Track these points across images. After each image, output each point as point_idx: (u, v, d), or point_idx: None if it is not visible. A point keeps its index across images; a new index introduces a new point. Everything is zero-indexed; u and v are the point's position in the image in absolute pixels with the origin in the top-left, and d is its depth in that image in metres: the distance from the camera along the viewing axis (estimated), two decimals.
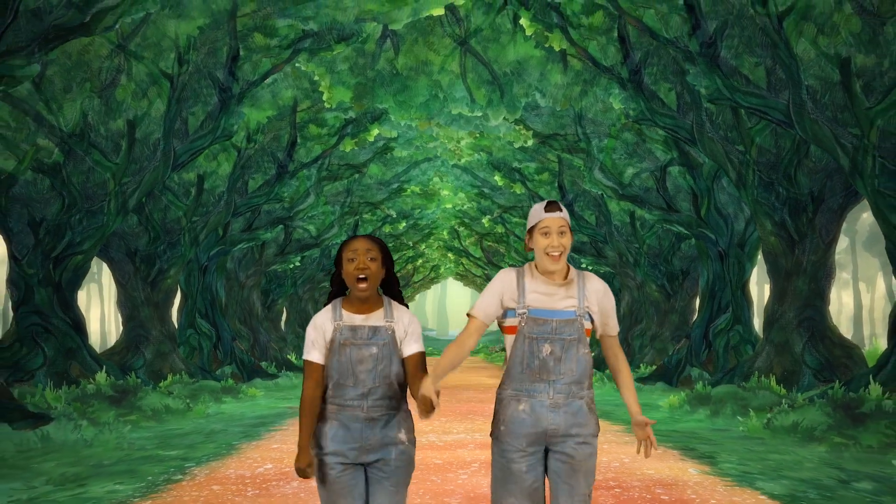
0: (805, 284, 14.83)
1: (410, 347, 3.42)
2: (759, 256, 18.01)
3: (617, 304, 28.26)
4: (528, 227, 3.46)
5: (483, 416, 12.90)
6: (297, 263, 27.59)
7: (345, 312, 3.39)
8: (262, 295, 28.44)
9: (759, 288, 64.46)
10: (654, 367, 21.28)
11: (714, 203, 18.51)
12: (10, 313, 14.77)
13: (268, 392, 19.77)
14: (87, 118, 13.76)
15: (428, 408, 3.08)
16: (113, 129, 14.19)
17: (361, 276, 3.30)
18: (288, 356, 28.76)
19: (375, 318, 3.39)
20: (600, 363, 21.83)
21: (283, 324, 33.37)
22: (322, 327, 3.40)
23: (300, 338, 34.04)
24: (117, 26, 9.77)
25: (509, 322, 3.39)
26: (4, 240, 13.99)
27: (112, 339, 69.75)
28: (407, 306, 3.52)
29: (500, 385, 3.43)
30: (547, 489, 3.38)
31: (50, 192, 14.21)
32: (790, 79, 10.72)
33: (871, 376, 10.86)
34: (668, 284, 23.48)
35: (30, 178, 14.10)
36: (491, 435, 3.41)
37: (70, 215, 13.97)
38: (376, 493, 3.37)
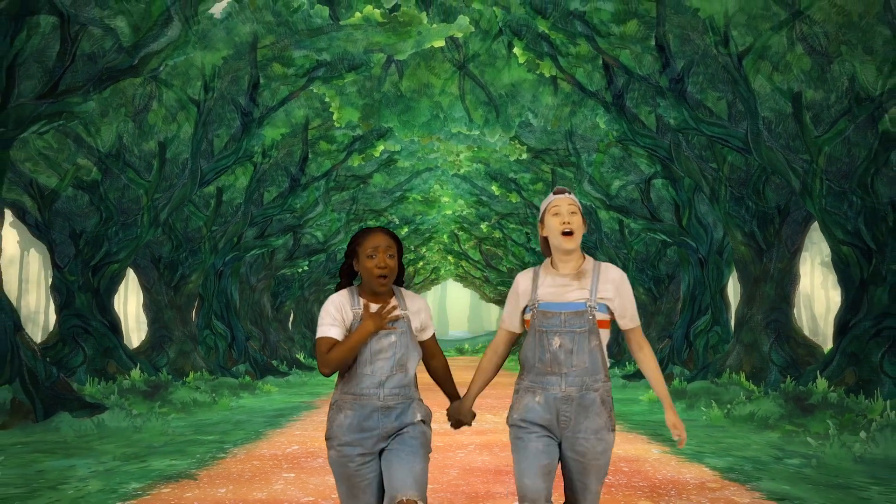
0: (772, 290, 16.31)
1: (428, 332, 3.54)
2: None
3: None
4: (540, 215, 3.50)
5: (481, 409, 14.36)
6: (305, 268, 29.10)
7: (361, 300, 3.39)
8: (271, 297, 29.94)
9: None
10: (635, 369, 22.83)
11: (694, 213, 19.97)
12: (54, 316, 16.25)
13: (281, 388, 21.23)
14: (122, 140, 15.26)
15: (460, 427, 3.53)
16: (145, 150, 15.68)
17: (382, 275, 3.32)
18: (296, 355, 30.26)
19: None
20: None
21: (290, 324, 34.86)
22: (342, 308, 3.37)
23: (307, 338, 35.50)
24: (162, 68, 11.24)
25: (526, 317, 3.43)
26: (48, 250, 15.52)
27: (123, 337, 71.13)
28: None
29: (517, 377, 3.50)
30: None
31: (89, 207, 15.70)
32: (748, 111, 12.21)
33: (818, 372, 12.35)
34: (654, 288, 24.98)
35: (71, 194, 15.60)
36: (507, 422, 3.47)
37: (107, 228, 15.47)
38: (392, 464, 3.29)
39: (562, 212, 3.36)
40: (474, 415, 3.62)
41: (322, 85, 16.25)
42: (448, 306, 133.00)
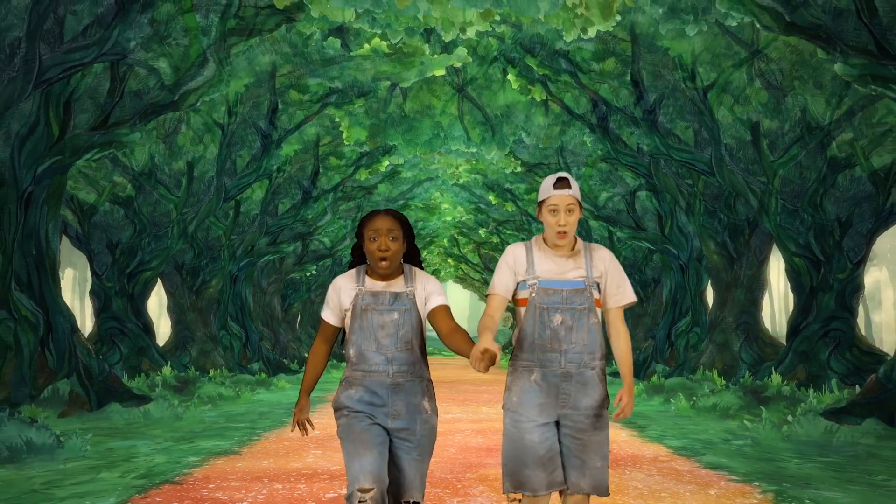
0: (742, 294, 17.98)
1: (434, 301, 3.44)
2: None
3: None
4: (539, 200, 3.45)
5: (477, 403, 15.97)
6: (313, 272, 30.80)
7: (367, 278, 3.43)
8: (280, 299, 31.62)
9: None
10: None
11: (676, 223, 21.57)
12: (93, 318, 17.95)
13: (293, 385, 22.82)
14: (154, 160, 16.96)
15: (491, 362, 3.04)
16: (175, 169, 17.38)
17: (383, 258, 3.33)
18: (305, 354, 31.98)
19: (397, 285, 3.42)
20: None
21: (297, 325, 36.55)
22: (341, 290, 3.43)
23: (313, 338, 37.20)
24: (198, 103, 12.92)
25: (521, 294, 3.41)
26: (88, 259, 17.23)
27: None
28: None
29: (511, 357, 3.48)
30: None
31: (124, 220, 17.40)
32: (712, 138, 13.89)
33: (773, 368, 14.02)
34: (641, 291, 26.64)
35: (108, 208, 17.29)
36: (503, 407, 3.45)
37: (141, 239, 17.18)
38: (402, 462, 3.38)
39: (559, 210, 3.35)
40: (500, 347, 3.17)
41: (334, 109, 17.94)
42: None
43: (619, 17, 11.24)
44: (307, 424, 3.53)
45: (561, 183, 3.35)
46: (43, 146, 12.26)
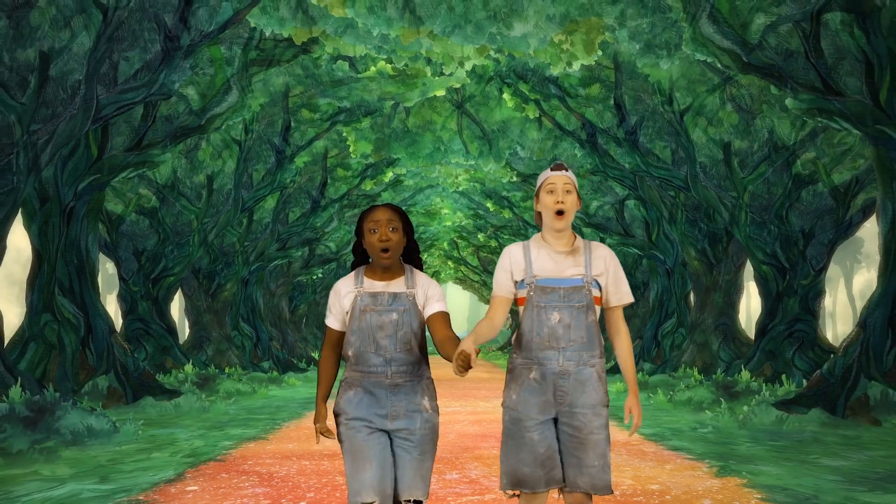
0: (720, 298, 19.39)
1: (433, 307, 3.43)
2: None
3: None
4: (536, 189, 3.43)
5: (475, 399, 17.31)
6: (319, 275, 32.22)
7: (366, 279, 3.40)
8: (287, 301, 33.02)
9: None
10: (614, 362, 25.90)
11: (662, 230, 22.98)
12: (120, 320, 19.36)
13: (303, 382, 24.24)
14: (176, 174, 18.37)
15: (465, 364, 3.02)
16: (196, 182, 18.78)
17: (384, 248, 3.31)
18: (312, 353, 33.36)
19: (396, 285, 3.40)
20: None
21: (303, 325, 37.94)
22: (341, 294, 3.40)
23: (318, 338, 38.58)
24: (223, 126, 14.32)
25: (520, 293, 3.39)
26: (115, 265, 18.64)
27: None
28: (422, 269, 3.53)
29: (510, 355, 3.47)
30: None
31: (149, 230, 18.81)
32: (688, 157, 15.29)
33: (742, 365, 15.43)
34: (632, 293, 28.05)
35: (134, 218, 18.70)
36: (503, 404, 3.44)
37: (164, 247, 18.60)
38: (404, 461, 3.33)
39: (557, 190, 3.34)
40: (478, 350, 3.20)
41: (342, 126, 19.36)
42: (448, 307, 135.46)
43: (600, 52, 12.64)
44: (328, 432, 3.50)
45: (558, 166, 3.41)
46: (83, 166, 13.64)
